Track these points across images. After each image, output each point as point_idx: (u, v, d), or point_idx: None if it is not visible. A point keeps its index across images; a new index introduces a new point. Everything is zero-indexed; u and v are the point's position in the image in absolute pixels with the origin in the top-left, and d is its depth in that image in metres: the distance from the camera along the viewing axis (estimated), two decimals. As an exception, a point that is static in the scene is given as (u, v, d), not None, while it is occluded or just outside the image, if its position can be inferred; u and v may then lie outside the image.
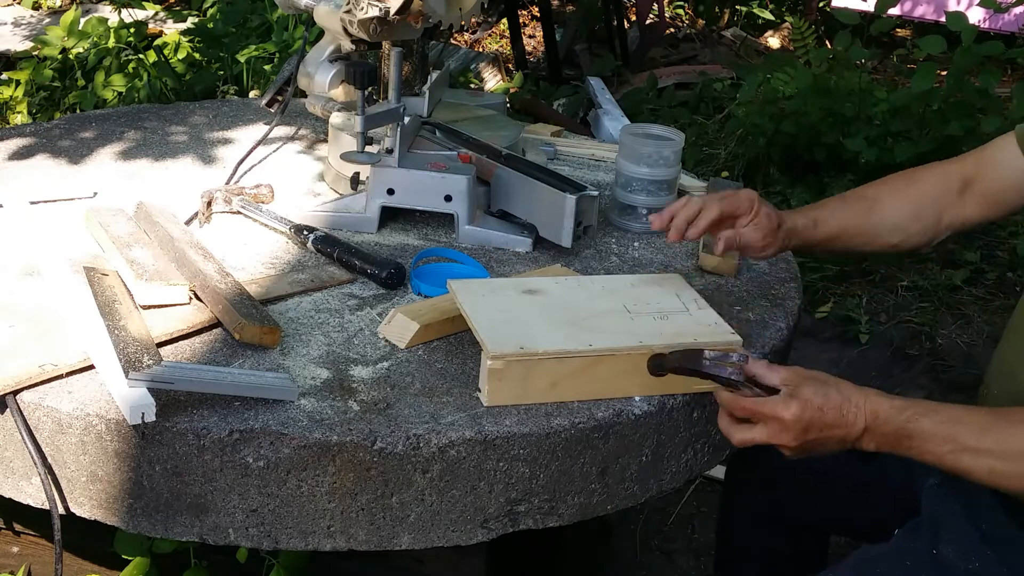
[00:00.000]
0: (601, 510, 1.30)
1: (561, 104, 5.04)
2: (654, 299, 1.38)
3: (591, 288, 1.40)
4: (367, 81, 1.59)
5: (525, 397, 1.24)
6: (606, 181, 1.96)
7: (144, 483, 1.19)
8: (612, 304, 1.36)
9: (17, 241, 1.56)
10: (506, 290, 1.37)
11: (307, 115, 2.12)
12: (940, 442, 1.19)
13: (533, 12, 6.52)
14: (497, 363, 1.21)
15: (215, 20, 4.91)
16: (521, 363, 1.22)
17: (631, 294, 1.39)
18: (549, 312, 1.32)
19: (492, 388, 1.22)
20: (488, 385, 1.22)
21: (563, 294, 1.37)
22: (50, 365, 1.22)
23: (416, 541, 1.22)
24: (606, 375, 1.26)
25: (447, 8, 1.84)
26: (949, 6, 5.96)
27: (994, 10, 3.97)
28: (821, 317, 3.40)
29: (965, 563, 1.30)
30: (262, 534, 1.21)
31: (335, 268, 1.55)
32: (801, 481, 1.64)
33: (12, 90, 4.58)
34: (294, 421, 1.18)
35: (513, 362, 1.22)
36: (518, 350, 1.22)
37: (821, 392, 1.22)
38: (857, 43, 4.13)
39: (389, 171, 1.66)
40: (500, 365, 1.21)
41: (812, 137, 4.00)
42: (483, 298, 1.33)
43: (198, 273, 1.41)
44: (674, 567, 2.38)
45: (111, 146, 2.00)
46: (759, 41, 6.53)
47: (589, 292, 1.39)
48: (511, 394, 1.23)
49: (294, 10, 1.95)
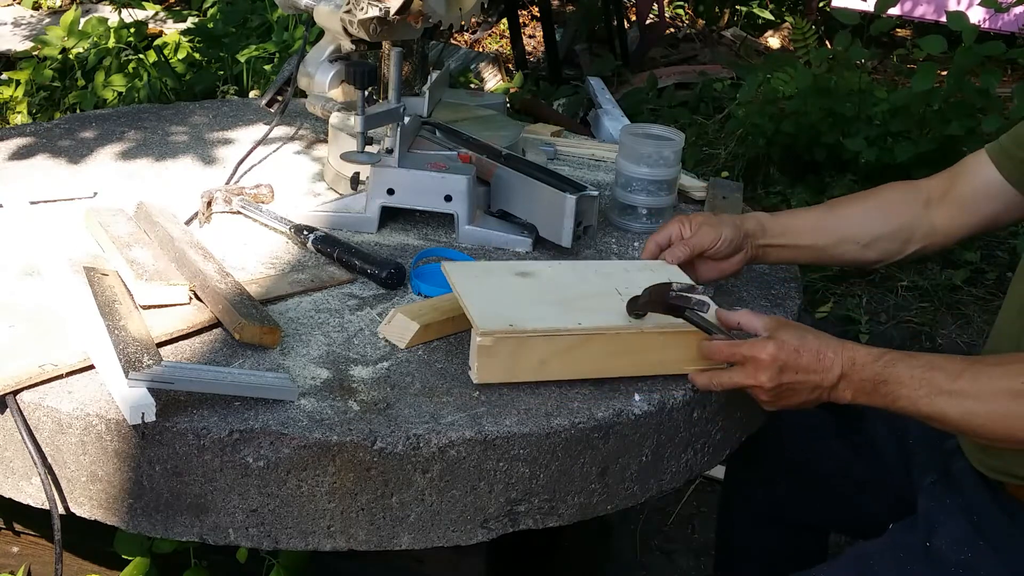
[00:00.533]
0: (601, 510, 1.31)
1: (561, 104, 5.04)
2: (646, 283, 1.38)
3: (584, 272, 1.42)
4: (367, 81, 1.59)
5: (515, 374, 1.25)
6: (606, 181, 1.96)
7: (144, 483, 1.19)
8: (604, 287, 1.37)
9: (17, 241, 1.55)
10: (500, 272, 1.39)
11: (307, 115, 2.12)
12: (916, 386, 1.20)
13: (533, 12, 6.52)
14: (486, 340, 1.22)
15: (215, 20, 4.91)
16: (510, 340, 1.23)
17: (623, 278, 1.40)
18: (541, 293, 1.33)
19: (482, 364, 1.23)
20: (478, 362, 1.23)
21: (556, 277, 1.39)
22: (50, 365, 1.22)
23: (416, 541, 1.23)
24: (595, 354, 1.27)
25: (447, 8, 1.83)
26: (949, 6, 5.96)
27: (995, 10, 3.97)
28: (821, 317, 3.40)
29: (957, 555, 1.31)
30: (262, 534, 1.21)
31: (335, 268, 1.55)
32: (801, 480, 1.64)
33: (12, 90, 4.58)
34: (294, 421, 1.18)
35: (502, 339, 1.23)
36: (507, 327, 1.23)
37: (798, 335, 1.24)
38: (857, 43, 4.13)
39: (389, 171, 1.66)
40: (489, 342, 1.22)
41: (812, 137, 4.00)
42: (476, 279, 1.34)
43: (198, 273, 1.41)
44: (674, 567, 2.39)
45: (111, 146, 2.00)
46: (759, 41, 6.53)
47: (582, 275, 1.40)
48: (500, 371, 1.25)
49: (294, 10, 1.95)
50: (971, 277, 3.54)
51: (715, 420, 1.37)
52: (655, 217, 1.78)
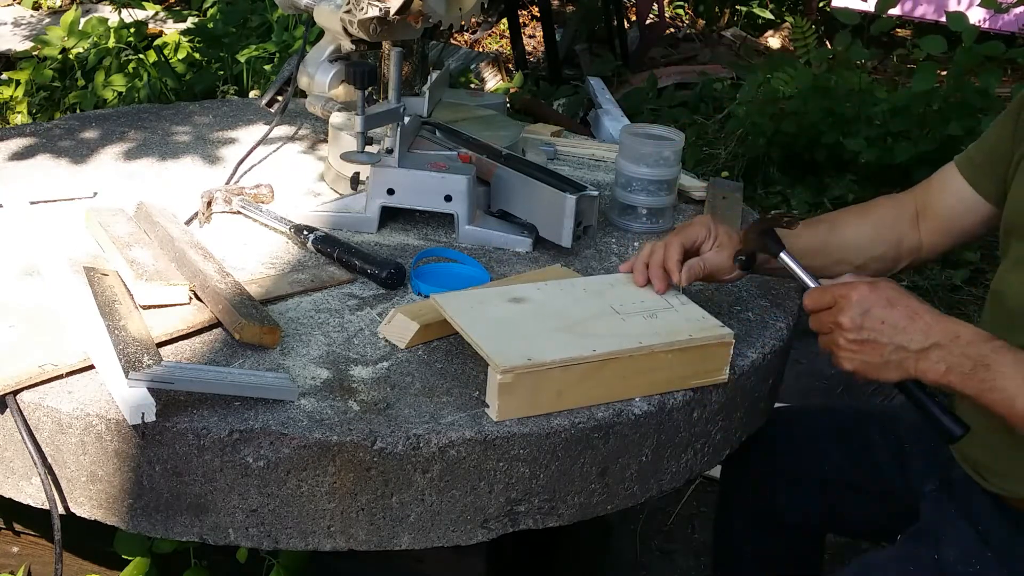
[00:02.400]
0: (601, 510, 1.31)
1: (561, 104, 5.04)
2: (637, 298, 1.38)
3: (573, 292, 1.39)
4: (367, 81, 1.59)
5: (534, 408, 1.23)
6: (606, 181, 1.96)
7: (144, 483, 1.19)
8: (599, 306, 1.35)
9: (17, 241, 1.56)
10: (492, 300, 1.35)
11: (307, 115, 2.12)
12: (1021, 381, 1.11)
13: (533, 12, 6.52)
14: (507, 377, 1.19)
15: (215, 20, 4.91)
16: (530, 375, 1.21)
17: (614, 295, 1.38)
18: (542, 320, 1.31)
19: (503, 403, 1.20)
20: (499, 400, 1.20)
21: (549, 300, 1.36)
22: (50, 365, 1.22)
23: (416, 541, 1.22)
24: (609, 379, 1.26)
25: (447, 8, 1.84)
26: (949, 6, 5.96)
27: (995, 10, 3.97)
28: (821, 317, 3.39)
29: (966, 567, 1.30)
30: (262, 534, 1.21)
31: (335, 268, 1.55)
32: (796, 482, 1.64)
33: (12, 90, 4.58)
34: (294, 421, 1.18)
35: (523, 375, 1.20)
36: (526, 362, 1.20)
37: (899, 291, 1.18)
38: (857, 43, 4.13)
39: (389, 171, 1.66)
40: (510, 379, 1.19)
41: (812, 137, 4.00)
42: (472, 310, 1.31)
43: (198, 273, 1.41)
44: (674, 567, 2.38)
45: (111, 146, 2.00)
46: (759, 41, 6.53)
47: (573, 296, 1.38)
48: (520, 406, 1.22)
49: (294, 10, 1.95)
50: (971, 277, 3.54)
51: (715, 420, 1.37)
52: (655, 217, 1.78)
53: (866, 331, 1.17)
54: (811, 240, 1.48)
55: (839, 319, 1.18)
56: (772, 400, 1.56)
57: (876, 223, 1.53)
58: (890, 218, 1.53)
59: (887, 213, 1.54)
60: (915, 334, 1.16)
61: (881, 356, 1.17)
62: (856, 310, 1.17)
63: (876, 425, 1.60)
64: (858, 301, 1.17)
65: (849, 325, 1.17)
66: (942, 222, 1.50)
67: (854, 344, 1.18)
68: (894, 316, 1.16)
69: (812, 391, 2.96)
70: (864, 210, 1.56)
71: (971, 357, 1.14)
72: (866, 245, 1.51)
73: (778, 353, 1.47)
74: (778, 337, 1.47)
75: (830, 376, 3.06)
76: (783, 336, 1.49)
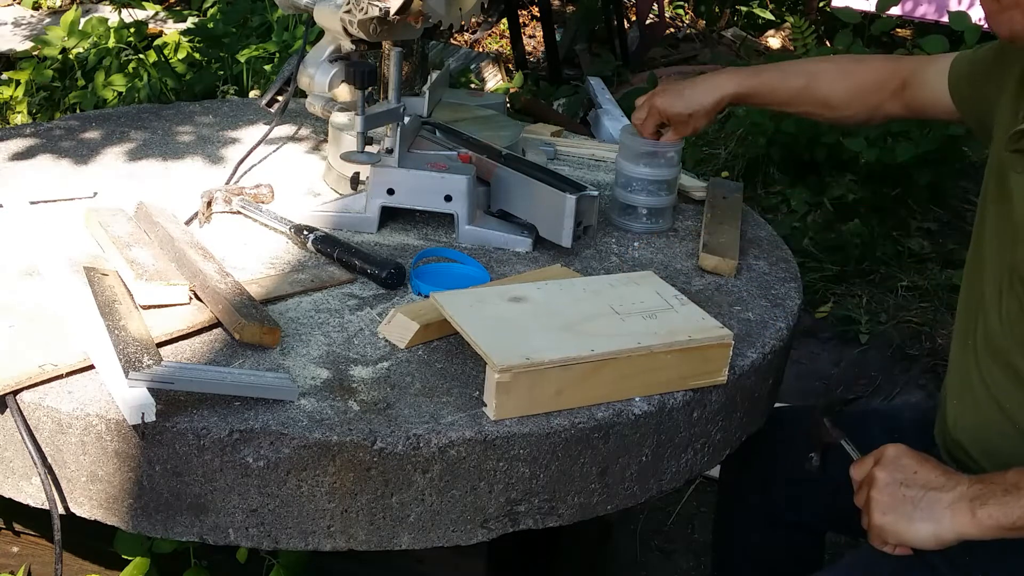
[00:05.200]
0: (601, 510, 1.31)
1: (561, 104, 5.04)
2: (637, 298, 1.38)
3: (573, 291, 1.39)
4: (367, 81, 1.59)
5: (531, 407, 1.23)
6: (606, 181, 1.96)
7: (144, 483, 1.19)
8: (598, 306, 1.35)
9: (17, 241, 1.56)
10: (492, 299, 1.35)
11: (307, 115, 2.12)
12: None
13: (533, 12, 6.52)
14: (505, 376, 1.19)
15: (215, 20, 4.91)
16: (528, 374, 1.21)
17: (614, 295, 1.39)
18: (540, 319, 1.31)
19: (500, 402, 1.21)
20: (496, 399, 1.20)
21: (548, 300, 1.36)
22: (50, 365, 1.22)
23: (416, 541, 1.23)
24: (608, 379, 1.26)
25: (447, 8, 1.83)
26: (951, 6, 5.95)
27: (995, 10, 3.96)
28: (821, 317, 3.40)
29: (962, 563, 1.31)
30: (262, 534, 1.21)
31: (335, 268, 1.55)
32: (796, 481, 1.64)
33: (12, 90, 4.58)
34: (294, 421, 1.18)
35: (520, 374, 1.20)
36: (524, 361, 1.21)
37: (922, 458, 1.25)
38: (858, 43, 4.13)
39: (389, 171, 1.66)
40: (508, 378, 1.20)
41: (812, 137, 4.00)
42: (471, 308, 1.31)
43: (198, 273, 1.41)
44: (674, 567, 2.39)
45: (111, 146, 2.00)
46: (759, 41, 6.52)
47: (572, 296, 1.38)
48: (518, 406, 1.22)
49: (294, 10, 1.95)
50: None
51: (715, 420, 1.37)
52: (655, 217, 1.78)
53: (897, 482, 1.24)
54: (784, 93, 1.64)
55: (873, 472, 1.26)
56: (772, 400, 1.56)
57: (856, 87, 1.60)
58: (872, 85, 1.59)
59: (870, 80, 1.60)
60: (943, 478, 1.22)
61: (912, 504, 1.23)
62: (889, 466, 1.25)
63: (876, 424, 1.60)
64: (893, 456, 1.25)
65: (882, 475, 1.25)
66: (915, 105, 1.59)
67: (887, 494, 1.24)
68: (923, 469, 1.24)
69: (812, 391, 2.96)
70: (849, 71, 1.64)
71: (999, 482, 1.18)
72: (839, 105, 1.62)
73: (778, 353, 1.47)
74: (778, 337, 1.47)
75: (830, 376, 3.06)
76: (783, 336, 1.49)
